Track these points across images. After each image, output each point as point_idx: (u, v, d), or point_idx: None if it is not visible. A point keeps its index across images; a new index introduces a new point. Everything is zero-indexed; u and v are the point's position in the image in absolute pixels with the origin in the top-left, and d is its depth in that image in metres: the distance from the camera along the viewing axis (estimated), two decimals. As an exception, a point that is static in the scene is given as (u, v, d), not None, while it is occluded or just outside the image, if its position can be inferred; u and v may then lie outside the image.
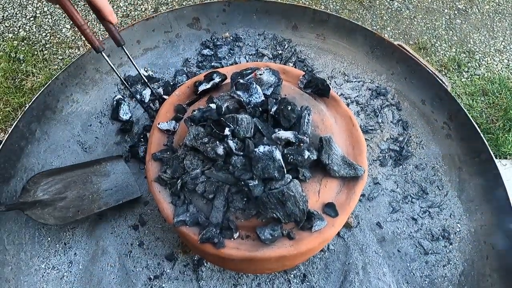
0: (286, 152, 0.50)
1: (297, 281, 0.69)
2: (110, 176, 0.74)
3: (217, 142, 0.51)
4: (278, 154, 0.48)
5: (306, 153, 0.50)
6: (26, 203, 0.66)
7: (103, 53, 0.68)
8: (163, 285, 0.68)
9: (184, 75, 0.94)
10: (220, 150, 0.50)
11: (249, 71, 0.62)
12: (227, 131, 0.51)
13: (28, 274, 0.69)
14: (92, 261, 0.71)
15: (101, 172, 0.74)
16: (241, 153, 0.51)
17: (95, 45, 0.65)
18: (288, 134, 0.51)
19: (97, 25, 1.78)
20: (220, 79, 0.64)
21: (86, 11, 1.82)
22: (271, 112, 0.54)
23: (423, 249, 0.73)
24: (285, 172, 0.49)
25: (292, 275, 0.69)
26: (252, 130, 0.52)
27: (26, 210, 0.65)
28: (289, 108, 0.54)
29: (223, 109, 0.56)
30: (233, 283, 0.68)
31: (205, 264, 0.70)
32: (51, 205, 0.67)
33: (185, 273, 0.69)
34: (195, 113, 0.56)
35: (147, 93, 0.90)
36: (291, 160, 0.50)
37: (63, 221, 0.67)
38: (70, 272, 0.70)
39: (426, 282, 0.70)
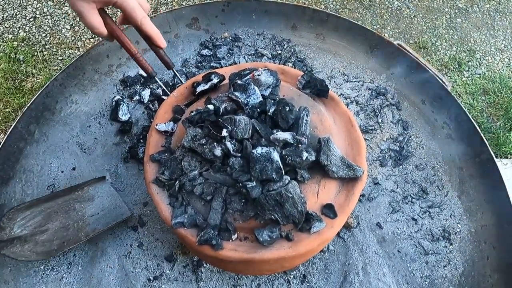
0: (284, 153, 0.50)
1: (297, 282, 0.68)
2: (95, 200, 0.70)
3: (215, 143, 0.51)
4: (276, 156, 0.48)
5: (305, 154, 0.50)
6: (2, 241, 0.60)
7: (156, 78, 0.69)
8: (163, 286, 0.68)
9: (184, 76, 0.93)
10: (218, 152, 0.50)
11: (247, 71, 0.62)
12: (224, 133, 0.51)
13: (27, 276, 0.69)
14: (91, 262, 0.71)
15: (84, 198, 0.70)
16: (239, 155, 0.50)
17: (148, 71, 0.67)
18: (286, 135, 0.51)
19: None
20: (218, 80, 0.64)
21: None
22: (269, 113, 0.54)
23: (423, 250, 0.72)
24: (283, 173, 0.49)
25: (292, 276, 0.69)
26: (250, 131, 0.52)
27: (2, 249, 0.60)
28: (287, 109, 0.53)
29: (221, 110, 0.56)
30: (233, 284, 0.68)
31: (205, 265, 0.69)
32: (32, 241, 0.63)
33: (184, 274, 0.69)
34: (193, 114, 0.56)
35: (146, 94, 0.90)
36: (289, 161, 0.50)
37: (48, 256, 0.64)
38: (69, 273, 0.70)
39: (427, 282, 0.70)
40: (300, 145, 0.51)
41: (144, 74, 0.94)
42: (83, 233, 0.67)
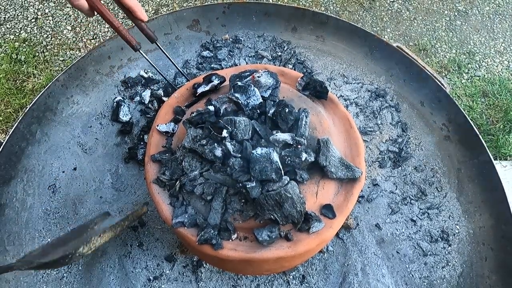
0: (283, 154, 0.50)
1: (296, 282, 0.69)
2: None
3: (215, 144, 0.52)
4: (275, 156, 0.48)
5: (304, 155, 0.50)
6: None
7: (140, 51, 0.69)
8: (163, 286, 0.68)
9: (184, 77, 0.94)
10: (218, 152, 0.51)
11: (248, 73, 0.62)
12: (225, 133, 0.51)
13: (28, 275, 0.69)
14: (92, 262, 0.71)
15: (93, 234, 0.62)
16: (239, 155, 0.51)
17: (132, 44, 0.68)
18: (285, 136, 0.52)
19: (98, 26, 1.79)
20: (219, 81, 0.65)
21: (90, 17, 1.83)
22: (269, 114, 0.55)
23: (422, 251, 0.73)
24: (283, 174, 0.49)
25: (291, 276, 0.69)
26: (250, 132, 0.52)
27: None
28: (286, 110, 0.54)
29: (221, 111, 0.56)
30: (232, 284, 0.69)
31: (204, 265, 0.70)
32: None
33: (184, 274, 0.70)
34: (193, 115, 0.57)
35: (146, 94, 0.91)
36: (289, 162, 0.50)
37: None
38: (70, 273, 0.70)
39: (425, 283, 0.70)
40: (299, 146, 0.51)
41: (145, 75, 0.94)
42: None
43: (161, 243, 0.73)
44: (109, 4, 1.82)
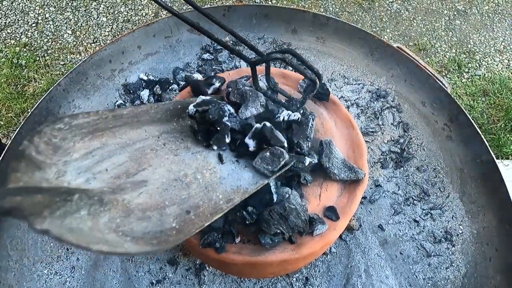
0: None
1: (300, 285, 0.69)
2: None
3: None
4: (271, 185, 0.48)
5: (307, 160, 0.50)
6: (38, 190, 0.27)
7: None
8: (166, 290, 0.68)
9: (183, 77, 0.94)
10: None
11: (245, 79, 0.62)
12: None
13: (31, 280, 0.69)
14: (95, 266, 0.71)
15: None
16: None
17: None
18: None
19: (98, 30, 1.79)
20: (220, 84, 0.65)
21: (87, 16, 1.84)
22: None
23: (426, 251, 0.73)
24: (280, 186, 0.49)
25: (294, 279, 0.69)
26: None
27: (41, 218, 0.25)
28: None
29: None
30: (235, 287, 0.68)
31: (207, 268, 0.70)
32: (112, 204, 0.29)
33: (187, 277, 0.70)
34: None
35: (145, 94, 0.91)
36: (293, 167, 0.50)
37: (159, 246, 0.28)
38: (73, 277, 0.70)
39: (429, 284, 0.70)
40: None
41: (145, 78, 0.95)
42: (217, 196, 0.34)
43: (163, 247, 0.73)
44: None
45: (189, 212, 0.32)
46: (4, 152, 0.77)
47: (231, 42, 1.00)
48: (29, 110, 0.83)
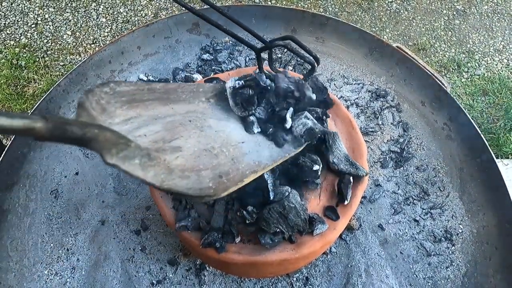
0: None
1: (300, 285, 0.69)
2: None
3: None
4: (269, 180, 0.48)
5: (316, 167, 0.51)
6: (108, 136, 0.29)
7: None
8: (166, 290, 0.68)
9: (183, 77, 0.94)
10: None
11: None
12: None
13: (31, 281, 0.69)
14: (95, 266, 0.71)
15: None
16: None
17: None
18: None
19: (97, 31, 1.79)
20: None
21: (87, 17, 1.84)
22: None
23: (426, 251, 0.73)
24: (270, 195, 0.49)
25: (294, 279, 0.69)
26: None
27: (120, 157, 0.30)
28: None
29: None
30: (236, 287, 0.68)
31: (208, 268, 0.70)
32: (156, 161, 0.32)
33: (187, 277, 0.70)
34: None
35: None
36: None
37: (201, 192, 0.33)
38: (73, 278, 0.70)
39: (429, 284, 0.70)
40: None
41: (145, 78, 0.95)
42: (243, 167, 0.37)
43: (163, 247, 0.72)
44: None
45: (221, 176, 0.36)
46: (4, 152, 0.77)
47: (230, 42, 1.00)
48: (29, 111, 0.83)
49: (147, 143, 0.34)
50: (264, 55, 0.99)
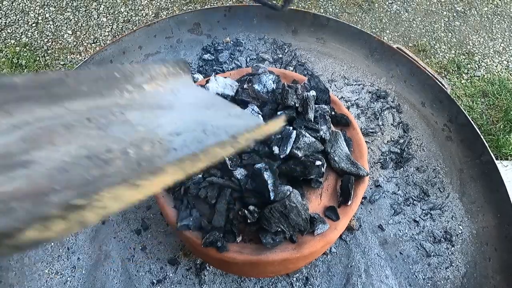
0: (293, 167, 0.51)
1: (300, 284, 0.69)
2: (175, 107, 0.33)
3: None
4: (269, 176, 0.48)
5: (318, 162, 0.51)
6: None
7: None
8: (166, 290, 0.68)
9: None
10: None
11: (246, 77, 0.62)
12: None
13: (31, 280, 0.69)
14: (95, 265, 0.71)
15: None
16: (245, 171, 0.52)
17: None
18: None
19: (98, 30, 1.79)
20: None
21: (88, 16, 1.84)
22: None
23: (425, 251, 0.73)
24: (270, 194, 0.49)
25: (294, 278, 0.69)
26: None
27: None
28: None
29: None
30: (236, 286, 0.68)
31: (208, 268, 0.70)
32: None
33: (187, 277, 0.70)
34: None
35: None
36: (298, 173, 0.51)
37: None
38: (74, 277, 0.70)
39: (429, 284, 0.70)
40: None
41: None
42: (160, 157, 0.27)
43: (164, 246, 0.73)
44: None
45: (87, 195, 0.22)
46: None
47: (231, 42, 1.00)
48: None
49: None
50: (265, 55, 0.99)
